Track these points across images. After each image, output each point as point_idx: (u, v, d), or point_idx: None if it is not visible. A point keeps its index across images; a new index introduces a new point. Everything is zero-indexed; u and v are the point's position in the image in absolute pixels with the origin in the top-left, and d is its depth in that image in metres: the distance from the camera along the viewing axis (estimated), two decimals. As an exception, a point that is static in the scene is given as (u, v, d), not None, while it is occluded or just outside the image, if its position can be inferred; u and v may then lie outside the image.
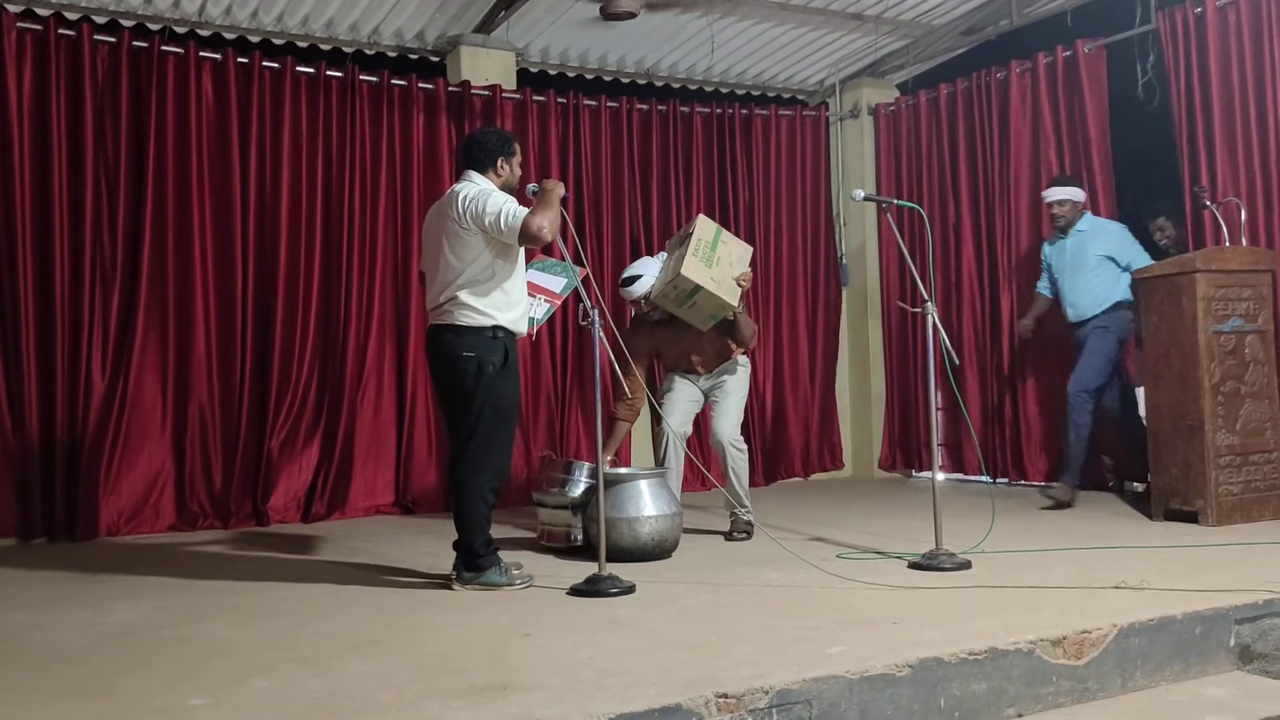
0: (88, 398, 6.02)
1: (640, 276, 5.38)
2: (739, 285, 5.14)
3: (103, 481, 6.03)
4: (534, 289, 4.83)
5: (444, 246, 4.25)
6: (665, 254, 5.42)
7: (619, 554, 4.58)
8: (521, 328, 4.37)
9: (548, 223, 4.08)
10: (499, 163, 4.37)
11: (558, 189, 4.24)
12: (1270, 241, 5.95)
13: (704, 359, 5.50)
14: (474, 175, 4.35)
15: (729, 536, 5.35)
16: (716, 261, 5.04)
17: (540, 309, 4.39)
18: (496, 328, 4.23)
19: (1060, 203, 6.33)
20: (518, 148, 4.48)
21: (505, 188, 4.34)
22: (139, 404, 6.19)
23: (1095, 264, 6.21)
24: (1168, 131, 6.47)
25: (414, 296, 6.80)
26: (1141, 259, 6.15)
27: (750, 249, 5.33)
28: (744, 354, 5.57)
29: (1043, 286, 6.66)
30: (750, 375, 5.70)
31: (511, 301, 4.30)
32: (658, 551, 4.78)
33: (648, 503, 4.77)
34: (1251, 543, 4.71)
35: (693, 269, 4.95)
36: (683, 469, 5.45)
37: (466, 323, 4.20)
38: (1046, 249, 6.60)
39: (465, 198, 4.21)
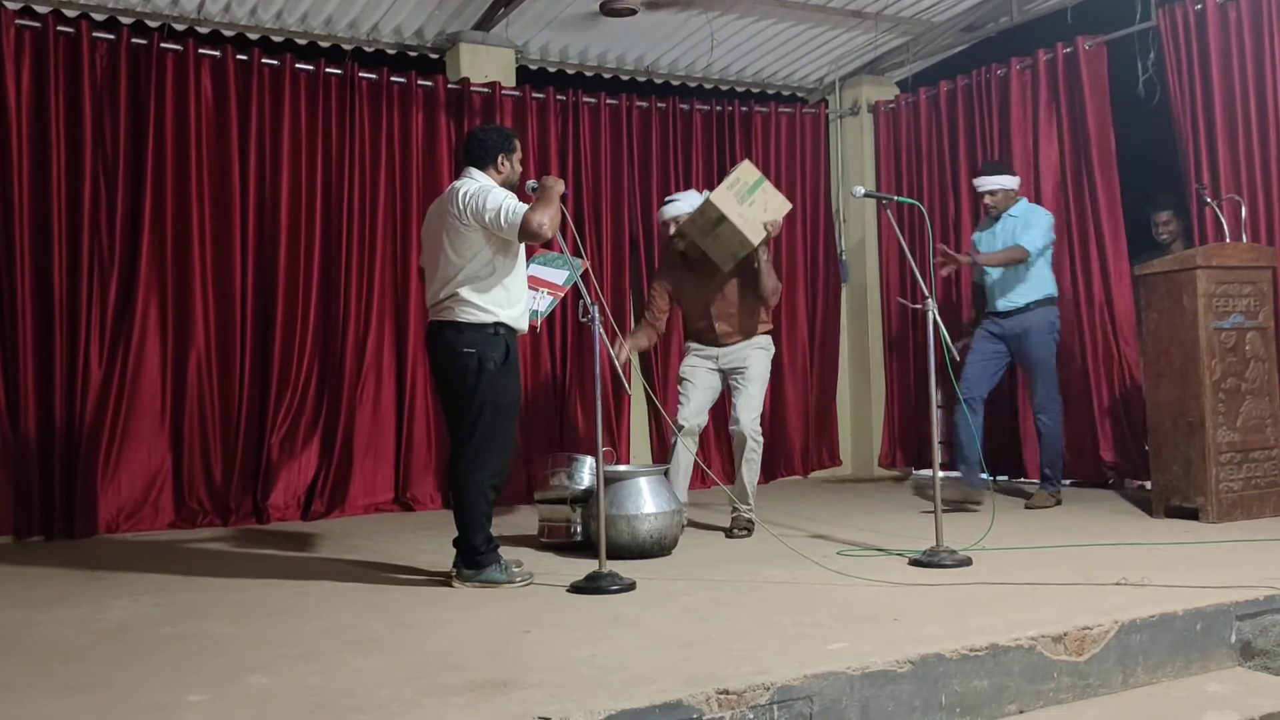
0: (84, 395, 6.01)
1: (678, 200, 5.50)
2: (765, 229, 5.15)
3: (101, 479, 6.02)
4: (537, 282, 4.82)
5: (444, 243, 4.24)
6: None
7: (618, 551, 4.57)
8: (522, 325, 4.36)
9: (548, 219, 4.07)
10: (499, 159, 4.36)
11: (558, 186, 4.23)
12: (1271, 238, 5.95)
13: (727, 320, 5.40)
14: (474, 172, 4.35)
15: (729, 533, 5.34)
16: (750, 203, 5.10)
17: (543, 301, 4.39)
18: (497, 324, 4.23)
19: (992, 192, 6.14)
20: (518, 145, 4.47)
21: (505, 184, 4.34)
22: (137, 402, 6.18)
23: None
24: (1168, 128, 6.46)
25: (413, 293, 6.80)
26: (1030, 239, 5.96)
27: (789, 205, 5.35)
28: (768, 332, 5.51)
29: (975, 276, 6.43)
30: (773, 360, 5.61)
31: (512, 298, 4.29)
32: (657, 549, 4.77)
33: (647, 500, 4.76)
34: (1252, 539, 4.70)
35: (722, 198, 5.04)
36: (691, 467, 5.42)
37: (467, 319, 4.19)
38: (976, 236, 6.43)
39: (465, 194, 4.20)
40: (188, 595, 4.23)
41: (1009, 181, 6.17)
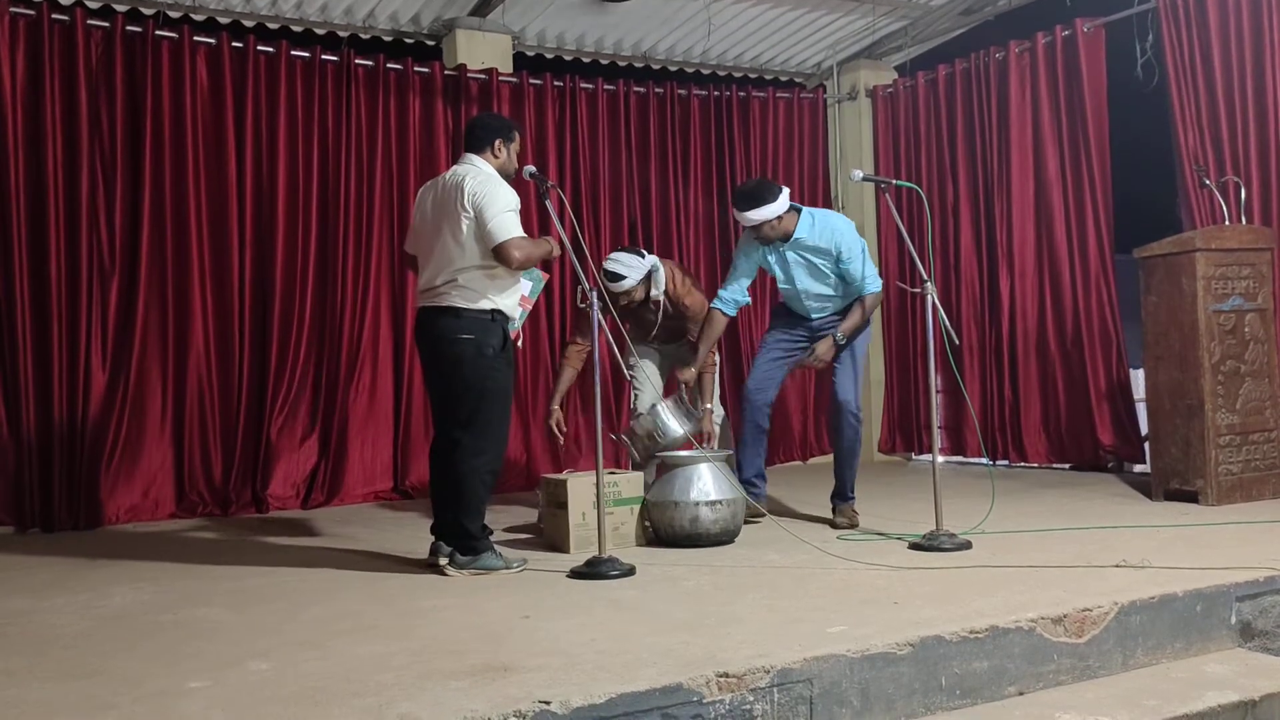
0: (87, 391, 6.00)
1: (625, 277, 5.23)
2: None
3: (104, 473, 6.01)
4: None
5: (444, 230, 4.22)
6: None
7: (674, 540, 4.65)
8: (515, 313, 4.37)
9: (521, 255, 4.12)
10: (496, 144, 4.34)
11: (548, 250, 4.30)
12: (1269, 220, 5.94)
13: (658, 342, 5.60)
14: (474, 158, 4.33)
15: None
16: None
17: (515, 311, 4.40)
18: (494, 311, 4.22)
19: (766, 223, 5.00)
20: (519, 136, 4.47)
21: (502, 171, 4.33)
22: (140, 395, 6.17)
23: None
24: (1166, 111, 6.44)
25: (411, 281, 6.78)
26: (867, 274, 5.15)
27: None
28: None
29: (742, 296, 5.33)
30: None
31: (507, 288, 4.29)
32: (725, 537, 4.69)
33: (709, 487, 4.68)
34: (1251, 521, 4.70)
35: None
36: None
37: (464, 305, 4.18)
38: (759, 258, 5.26)
39: (475, 183, 4.19)
40: (187, 583, 4.23)
41: (770, 210, 4.96)
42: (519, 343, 4.60)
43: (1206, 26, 6.20)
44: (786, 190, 5.03)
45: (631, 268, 5.28)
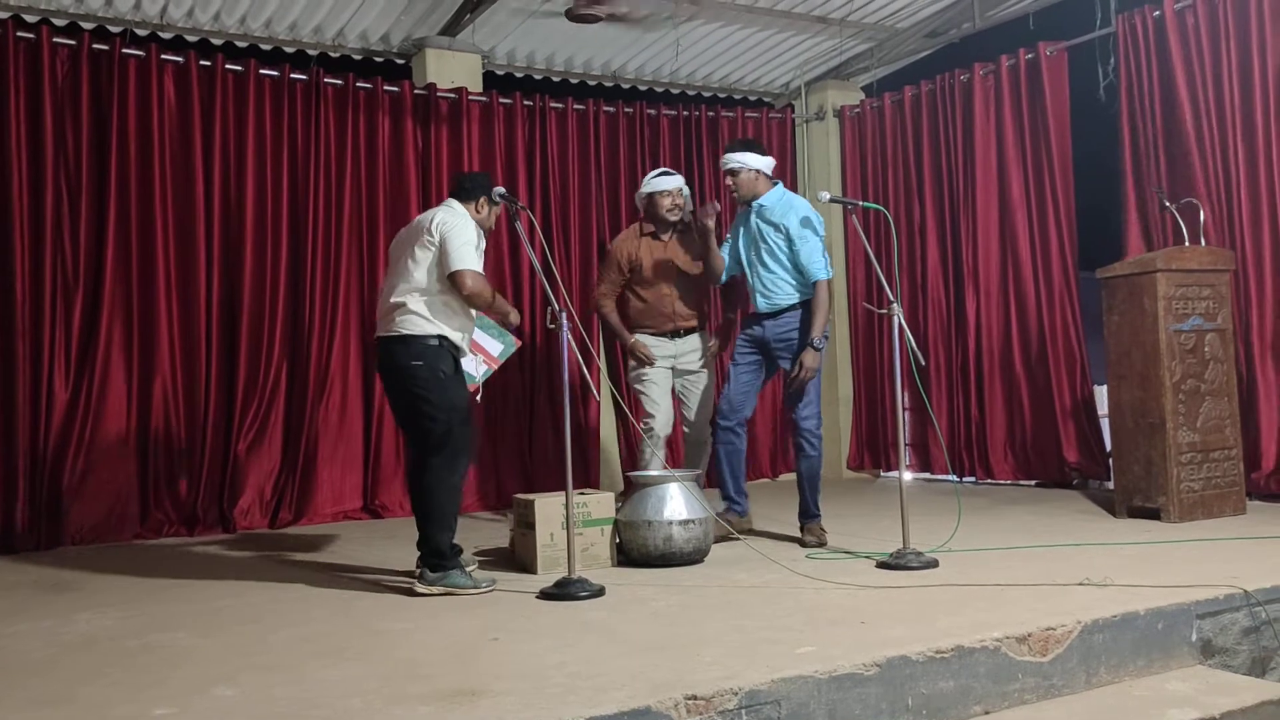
0: (50, 408, 5.94)
1: (675, 174, 5.77)
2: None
3: (66, 491, 5.94)
4: (474, 347, 4.91)
5: (405, 256, 4.36)
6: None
7: (646, 559, 4.65)
8: (464, 344, 4.43)
9: (473, 284, 4.22)
10: (481, 200, 4.53)
11: (507, 311, 4.57)
12: (1229, 241, 6.04)
13: (682, 309, 5.69)
14: (455, 204, 4.50)
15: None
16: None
17: (480, 369, 4.46)
18: (441, 337, 4.30)
19: (733, 171, 5.19)
20: (499, 200, 4.60)
21: (480, 225, 4.48)
22: (103, 412, 6.11)
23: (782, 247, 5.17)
24: (1131, 132, 6.54)
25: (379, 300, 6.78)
26: (815, 262, 5.11)
27: None
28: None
29: (731, 268, 5.44)
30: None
31: (457, 319, 4.37)
32: (697, 556, 4.72)
33: (681, 506, 4.69)
34: (1213, 539, 4.76)
35: None
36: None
37: (411, 331, 4.28)
38: (731, 241, 5.43)
39: (445, 214, 4.36)
40: (153, 606, 4.19)
41: (753, 160, 5.14)
42: (478, 398, 4.66)
43: (1166, 49, 6.31)
44: (773, 161, 5.29)
45: (674, 173, 5.76)
